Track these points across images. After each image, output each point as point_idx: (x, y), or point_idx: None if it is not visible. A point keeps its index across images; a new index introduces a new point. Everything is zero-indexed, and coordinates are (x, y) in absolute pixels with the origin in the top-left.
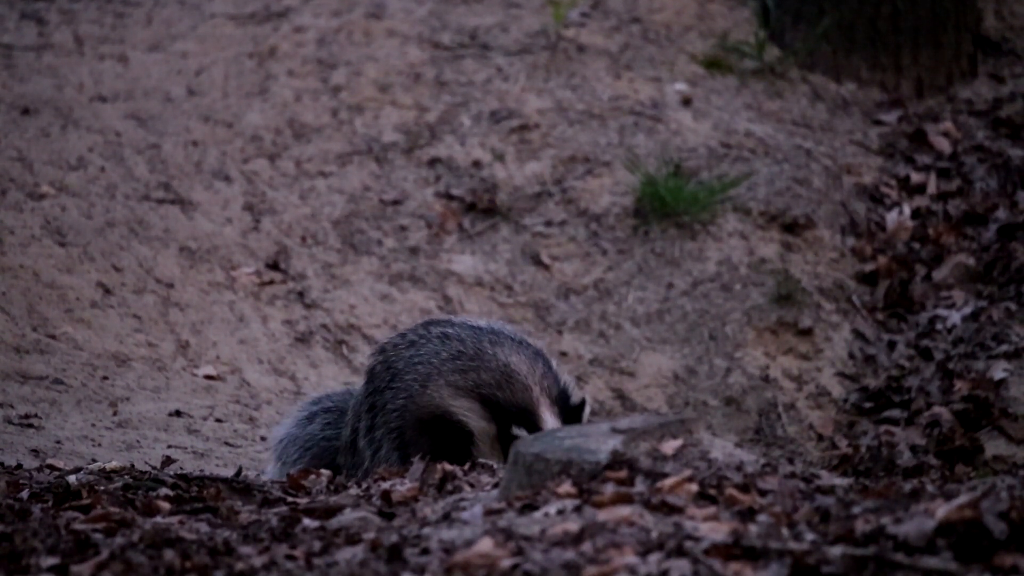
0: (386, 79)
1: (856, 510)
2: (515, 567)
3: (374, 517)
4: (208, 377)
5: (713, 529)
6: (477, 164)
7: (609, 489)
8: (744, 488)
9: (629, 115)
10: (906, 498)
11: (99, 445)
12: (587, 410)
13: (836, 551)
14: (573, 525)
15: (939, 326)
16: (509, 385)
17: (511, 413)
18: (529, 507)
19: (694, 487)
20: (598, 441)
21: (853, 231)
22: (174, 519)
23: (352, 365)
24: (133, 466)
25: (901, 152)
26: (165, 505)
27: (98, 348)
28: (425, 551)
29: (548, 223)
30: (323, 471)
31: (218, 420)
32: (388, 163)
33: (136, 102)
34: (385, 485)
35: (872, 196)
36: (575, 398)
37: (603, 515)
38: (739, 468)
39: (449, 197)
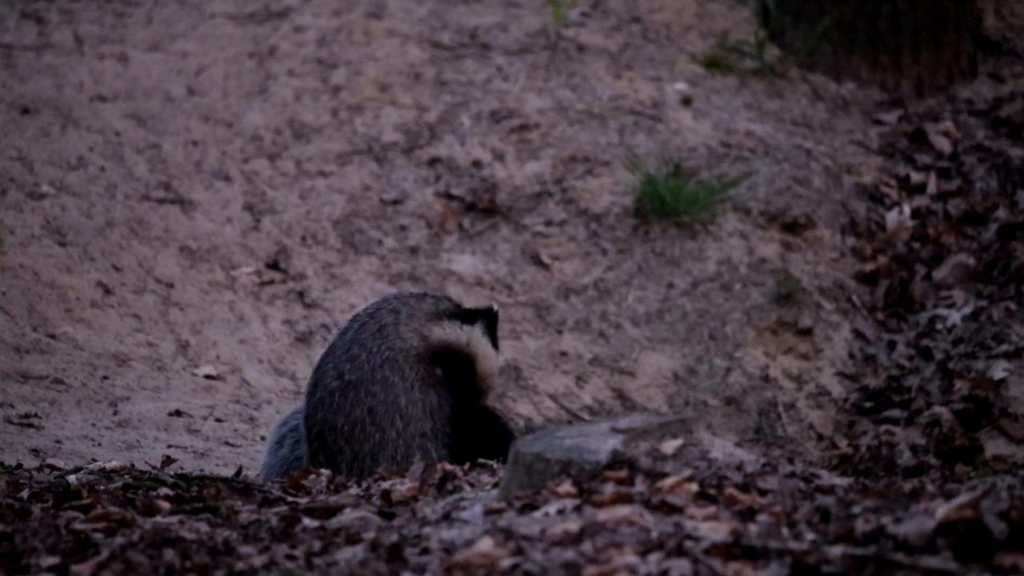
0: (386, 79)
1: (856, 510)
2: (515, 567)
3: (374, 517)
4: (208, 377)
5: (713, 529)
6: (477, 164)
7: (609, 489)
8: (744, 488)
9: (629, 115)
10: (906, 498)
11: (99, 445)
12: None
13: (836, 551)
14: (573, 525)
15: (939, 326)
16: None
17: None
18: (529, 507)
19: (694, 487)
20: (598, 441)
21: (853, 231)
22: (174, 519)
23: None
24: (133, 466)
25: (901, 152)
26: (165, 505)
27: (98, 348)
28: (425, 551)
29: (548, 223)
30: (323, 471)
31: (218, 420)
32: (388, 163)
33: (136, 102)
34: (385, 485)
35: (872, 196)
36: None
37: (603, 515)
38: (739, 468)
39: (449, 197)
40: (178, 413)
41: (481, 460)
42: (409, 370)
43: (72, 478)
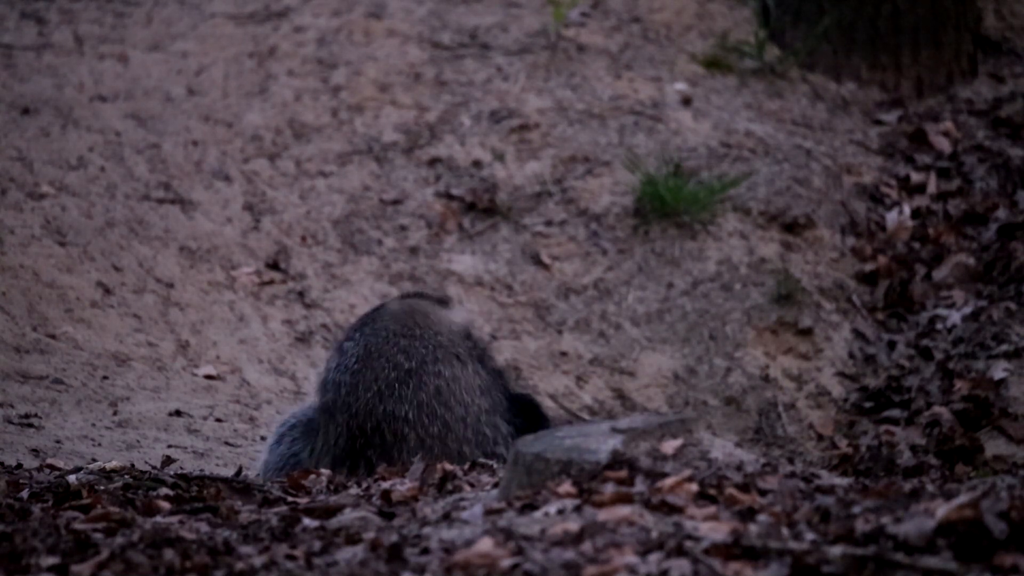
0: (386, 79)
1: (856, 510)
2: (515, 567)
3: (374, 517)
4: (208, 377)
5: (713, 529)
6: (477, 164)
7: (609, 489)
8: (744, 488)
9: (629, 115)
10: (906, 498)
11: (99, 445)
12: None
13: (836, 551)
14: (573, 525)
15: (939, 326)
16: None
17: None
18: (529, 507)
19: (694, 487)
20: (598, 441)
21: (853, 231)
22: (174, 519)
23: None
24: (133, 466)
25: (901, 152)
26: (165, 505)
27: (98, 348)
28: (425, 551)
29: (548, 223)
30: (323, 471)
31: (218, 420)
32: (388, 163)
33: (136, 102)
34: (385, 485)
35: (872, 196)
36: None
37: (603, 515)
38: (739, 468)
39: (449, 197)
40: (178, 413)
41: (481, 460)
42: (463, 349)
43: (72, 478)
